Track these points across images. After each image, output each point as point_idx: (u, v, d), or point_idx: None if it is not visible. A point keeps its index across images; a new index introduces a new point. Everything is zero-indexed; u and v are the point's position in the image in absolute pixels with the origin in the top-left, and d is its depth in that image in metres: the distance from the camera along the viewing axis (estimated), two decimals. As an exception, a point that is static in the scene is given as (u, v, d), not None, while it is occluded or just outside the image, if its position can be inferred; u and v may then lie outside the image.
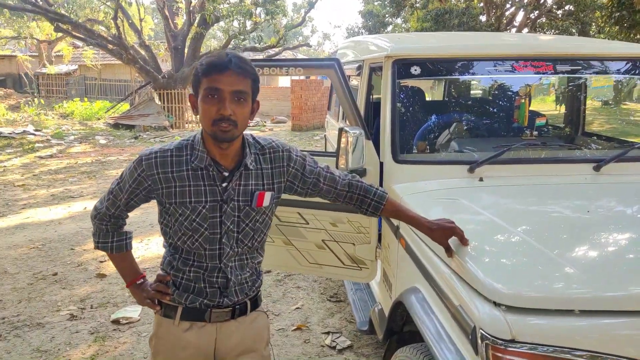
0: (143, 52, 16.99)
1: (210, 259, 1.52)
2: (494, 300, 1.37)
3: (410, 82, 2.84)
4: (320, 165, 1.68)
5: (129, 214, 1.63)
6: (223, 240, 1.51)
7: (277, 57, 20.49)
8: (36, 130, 13.49)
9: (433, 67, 2.62)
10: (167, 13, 16.53)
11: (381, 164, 2.51)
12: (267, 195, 1.54)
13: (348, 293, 3.20)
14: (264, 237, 1.61)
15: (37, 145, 11.64)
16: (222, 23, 18.64)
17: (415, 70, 2.56)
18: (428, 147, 2.60)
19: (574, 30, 17.83)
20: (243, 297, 1.58)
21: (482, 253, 1.58)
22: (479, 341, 1.34)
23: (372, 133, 2.96)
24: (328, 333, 3.30)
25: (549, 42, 3.14)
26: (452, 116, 2.83)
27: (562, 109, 3.48)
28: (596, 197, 2.14)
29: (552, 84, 3.52)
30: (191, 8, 16.57)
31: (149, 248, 5.06)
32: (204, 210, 1.48)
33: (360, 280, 2.71)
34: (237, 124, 1.41)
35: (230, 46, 17.20)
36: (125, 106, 18.26)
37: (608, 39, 14.55)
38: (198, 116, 1.46)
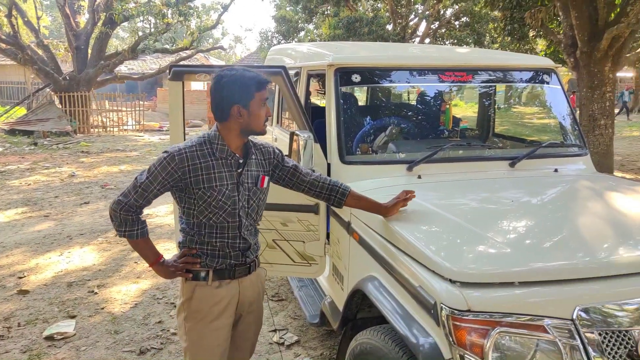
0: (41, 52, 15.77)
1: (232, 229, 1.90)
2: (450, 278, 1.60)
3: (349, 89, 3.06)
4: (296, 163, 2.14)
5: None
6: (240, 213, 1.90)
7: (189, 59, 20.00)
8: None
9: (372, 75, 2.85)
10: (68, 11, 15.50)
11: (328, 164, 2.69)
12: (266, 179, 2.00)
13: (294, 290, 3.33)
14: (262, 212, 2.05)
15: None
16: (126, 23, 17.81)
17: (356, 78, 2.78)
18: (370, 148, 2.83)
19: (470, 40, 19.48)
20: (254, 256, 2.02)
21: (435, 239, 1.82)
22: (440, 314, 1.56)
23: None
24: (275, 331, 3.41)
25: (467, 55, 3.54)
26: (387, 120, 3.08)
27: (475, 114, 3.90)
28: (515, 188, 2.49)
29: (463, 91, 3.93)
30: (95, 6, 15.69)
31: (71, 261, 4.80)
32: (227, 191, 1.86)
33: (311, 275, 2.86)
34: None
35: (139, 47, 16.51)
36: (21, 110, 16.79)
37: (501, 48, 16.14)
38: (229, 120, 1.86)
